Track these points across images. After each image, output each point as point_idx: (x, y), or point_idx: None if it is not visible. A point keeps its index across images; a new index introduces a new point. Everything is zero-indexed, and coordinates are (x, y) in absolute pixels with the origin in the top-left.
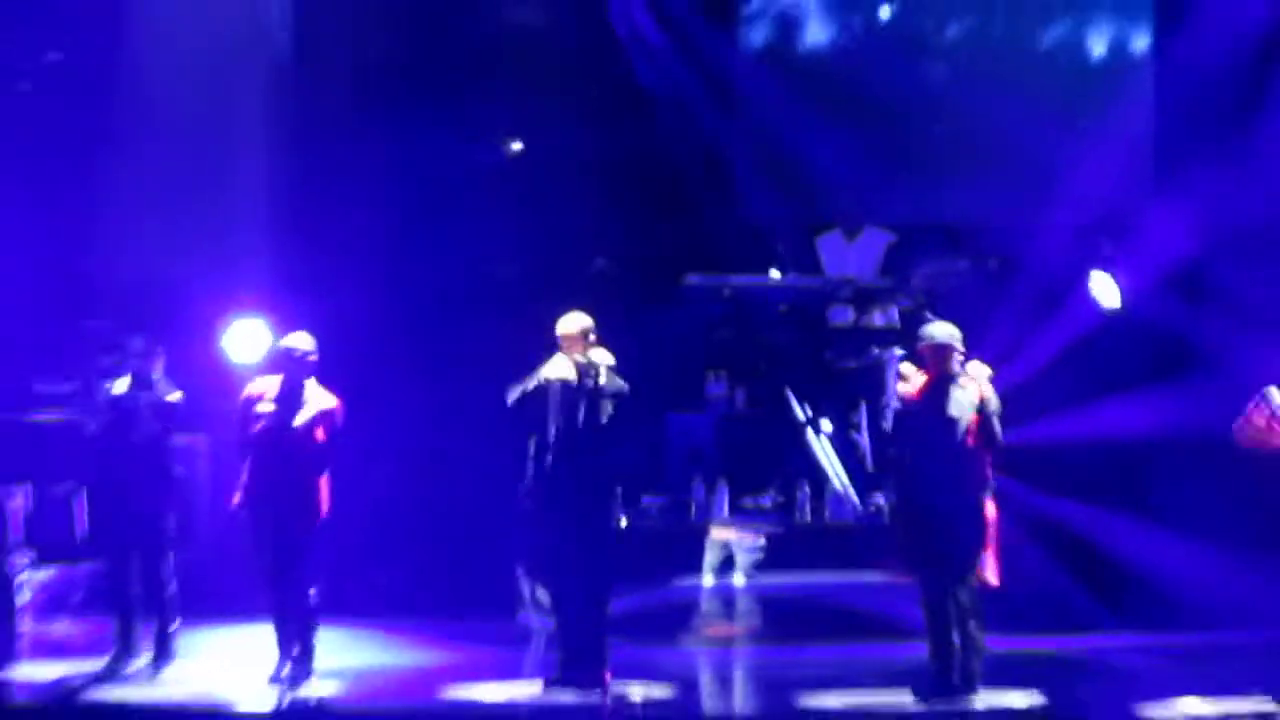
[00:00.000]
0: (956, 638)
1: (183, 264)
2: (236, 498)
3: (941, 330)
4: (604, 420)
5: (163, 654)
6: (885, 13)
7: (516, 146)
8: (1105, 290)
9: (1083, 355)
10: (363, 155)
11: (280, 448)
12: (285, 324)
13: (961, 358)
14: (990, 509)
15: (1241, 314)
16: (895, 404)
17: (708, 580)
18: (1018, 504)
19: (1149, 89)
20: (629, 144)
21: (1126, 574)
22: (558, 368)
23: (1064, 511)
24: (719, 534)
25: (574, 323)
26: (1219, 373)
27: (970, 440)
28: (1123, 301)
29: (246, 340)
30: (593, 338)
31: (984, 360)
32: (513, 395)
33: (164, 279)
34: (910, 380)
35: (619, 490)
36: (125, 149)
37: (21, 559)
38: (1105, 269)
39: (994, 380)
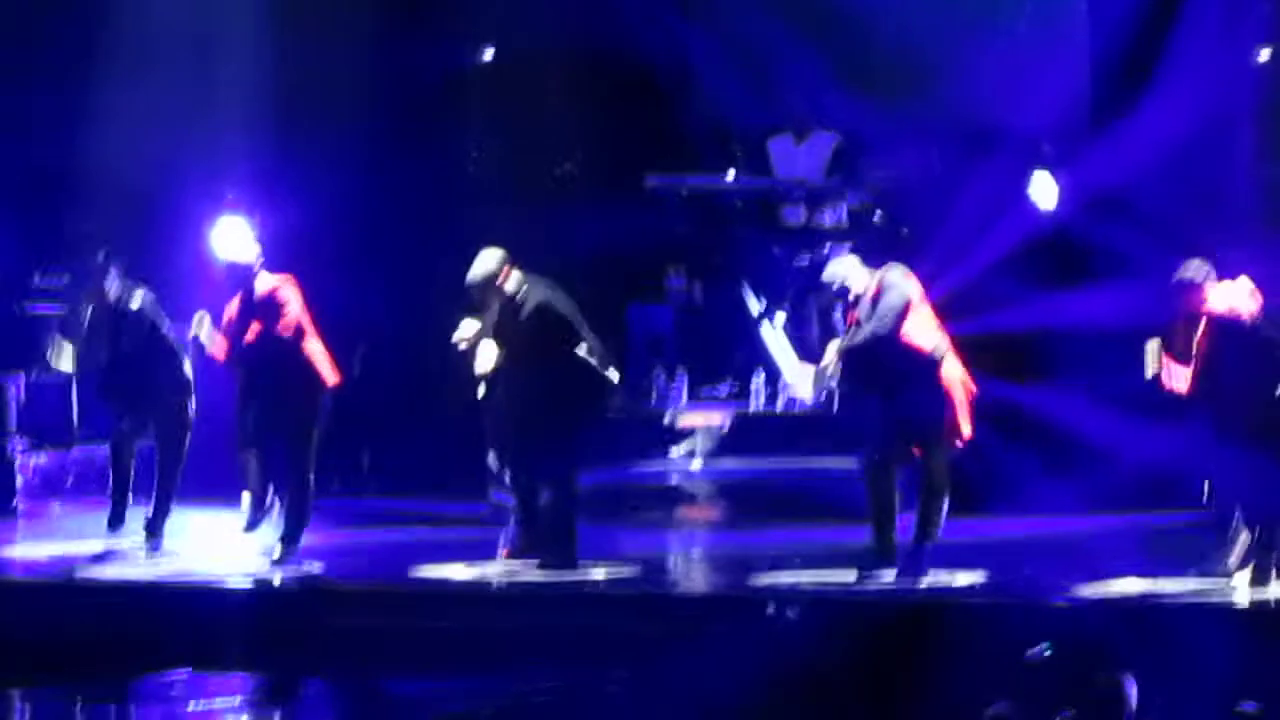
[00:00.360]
0: (910, 515)
1: (172, 165)
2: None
3: (829, 273)
4: (539, 338)
5: (156, 533)
6: None
7: (488, 51)
8: (1045, 191)
9: (1027, 256)
10: (342, 61)
11: (252, 350)
12: (269, 222)
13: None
14: (952, 373)
15: (1165, 228)
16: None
17: (668, 464)
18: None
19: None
20: (593, 52)
21: (1088, 456)
22: (465, 329)
23: (1023, 397)
24: (680, 420)
25: (481, 270)
26: (1147, 277)
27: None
28: (1060, 209)
29: (232, 238)
30: (504, 273)
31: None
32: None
33: (155, 179)
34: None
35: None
36: (118, 57)
37: (17, 443)
38: (1046, 171)
39: (927, 279)
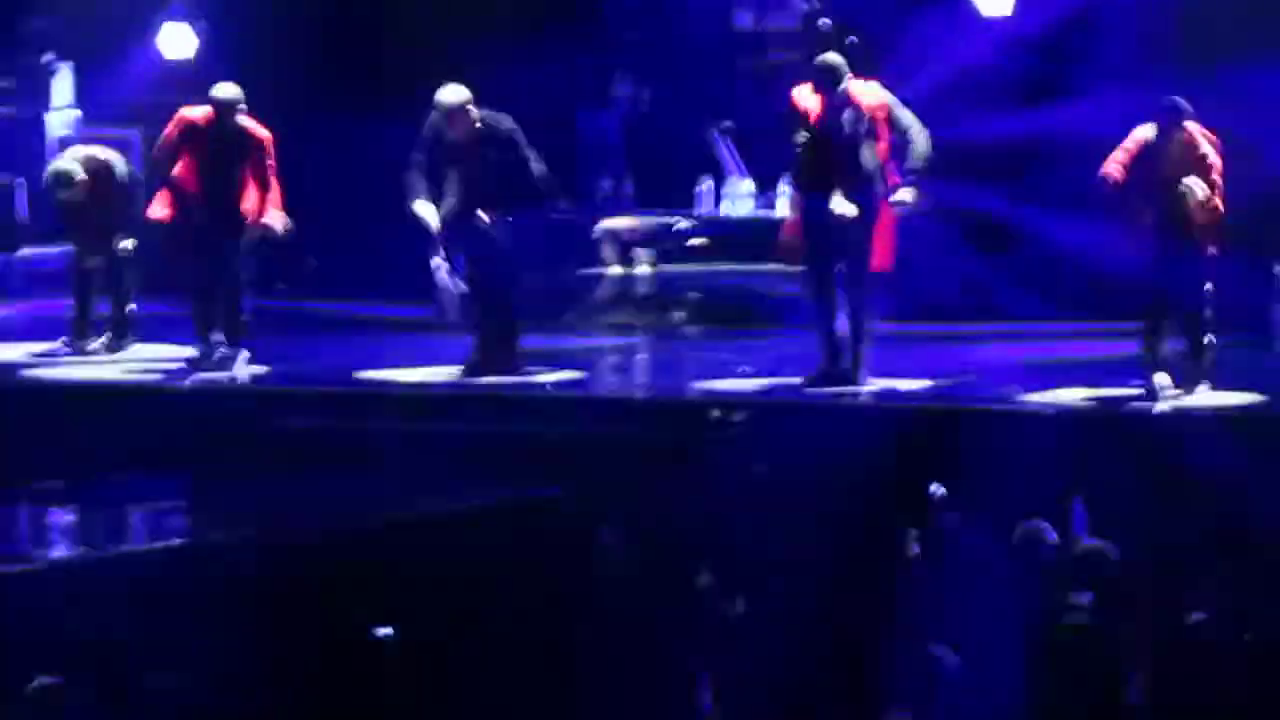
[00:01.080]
0: (846, 326)
1: None
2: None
3: (823, 61)
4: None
5: (118, 334)
6: None
7: None
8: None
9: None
10: None
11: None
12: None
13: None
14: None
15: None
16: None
17: (612, 270)
18: (943, 198)
19: None
20: None
21: (1057, 264)
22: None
23: (988, 204)
24: (624, 225)
25: (454, 96)
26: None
27: (878, 148)
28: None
29: (178, 38)
30: (471, 107)
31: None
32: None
33: None
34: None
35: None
36: None
37: None
38: None
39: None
